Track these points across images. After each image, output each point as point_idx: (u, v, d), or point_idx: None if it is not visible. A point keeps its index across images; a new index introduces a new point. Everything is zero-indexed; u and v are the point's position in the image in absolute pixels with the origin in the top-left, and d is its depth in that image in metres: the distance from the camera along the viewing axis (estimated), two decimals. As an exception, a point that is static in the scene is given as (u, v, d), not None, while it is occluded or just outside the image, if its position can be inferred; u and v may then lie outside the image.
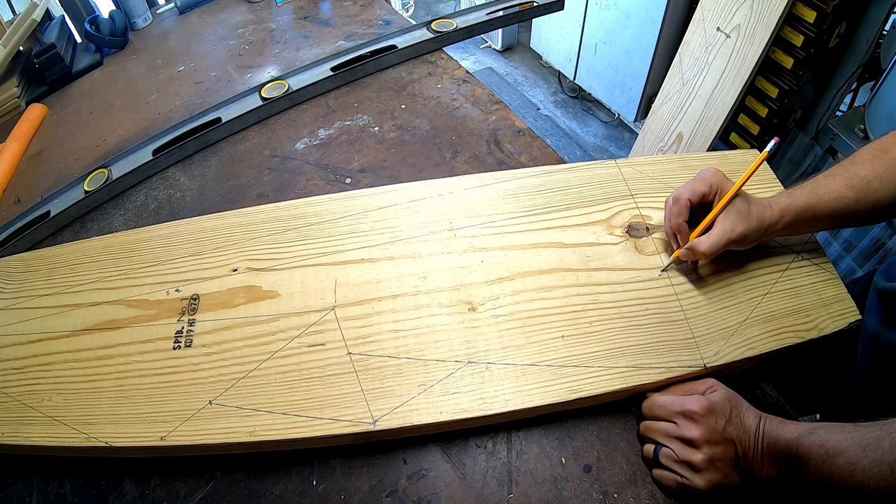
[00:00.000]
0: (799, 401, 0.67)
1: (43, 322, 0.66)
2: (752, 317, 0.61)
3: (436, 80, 0.99)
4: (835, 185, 0.59)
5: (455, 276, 0.62)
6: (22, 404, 0.61)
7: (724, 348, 0.58)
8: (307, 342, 0.59)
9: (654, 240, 0.65)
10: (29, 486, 0.60)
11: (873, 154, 0.60)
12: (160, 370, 0.60)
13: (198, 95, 1.07)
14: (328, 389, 0.56)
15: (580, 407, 0.57)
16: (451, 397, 0.55)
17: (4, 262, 0.72)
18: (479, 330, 0.59)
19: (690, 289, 0.62)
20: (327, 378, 0.57)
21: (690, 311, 0.60)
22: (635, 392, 0.57)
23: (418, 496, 0.54)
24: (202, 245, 0.68)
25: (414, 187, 0.71)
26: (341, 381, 0.56)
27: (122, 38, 1.27)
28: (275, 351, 0.59)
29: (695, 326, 0.59)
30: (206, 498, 0.56)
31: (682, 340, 0.58)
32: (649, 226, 0.66)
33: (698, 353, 0.58)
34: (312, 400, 0.56)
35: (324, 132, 0.91)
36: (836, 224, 0.61)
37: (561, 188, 0.69)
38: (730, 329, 0.59)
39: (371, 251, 0.65)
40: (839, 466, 0.44)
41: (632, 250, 0.64)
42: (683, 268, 0.63)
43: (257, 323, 0.61)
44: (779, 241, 0.66)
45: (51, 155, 1.03)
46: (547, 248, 0.64)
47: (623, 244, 0.65)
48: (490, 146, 0.85)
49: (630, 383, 0.56)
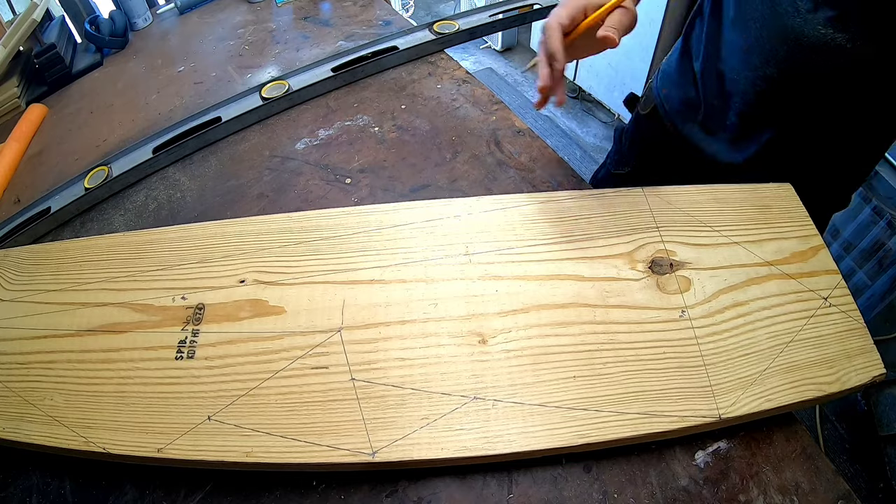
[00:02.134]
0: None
1: (49, 318, 0.66)
2: (774, 366, 0.58)
3: (436, 80, 0.98)
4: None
5: (467, 306, 0.60)
6: (24, 400, 0.61)
7: (741, 398, 0.56)
8: (310, 364, 0.57)
9: (677, 277, 0.62)
10: (29, 485, 0.60)
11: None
12: (161, 379, 0.59)
13: (198, 95, 1.07)
14: (328, 415, 0.55)
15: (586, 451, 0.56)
16: (454, 434, 0.53)
17: (14, 253, 0.72)
18: (488, 364, 0.56)
19: (712, 332, 0.59)
20: (328, 403, 0.55)
21: (709, 357, 0.58)
22: (646, 440, 0.55)
23: (418, 496, 0.54)
24: (211, 252, 0.66)
25: (431, 206, 0.68)
26: (343, 407, 0.55)
27: (123, 38, 1.27)
28: (277, 370, 0.57)
29: (713, 374, 0.57)
30: (206, 498, 0.56)
31: (698, 388, 0.56)
32: (674, 262, 0.63)
33: (714, 402, 0.55)
34: (312, 425, 0.54)
35: (324, 132, 0.91)
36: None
37: (584, 216, 0.66)
38: (749, 378, 0.57)
39: (382, 272, 0.63)
40: None
41: (653, 288, 0.61)
42: (695, 304, 0.60)
43: (261, 339, 0.60)
44: (806, 286, 0.62)
45: (51, 155, 1.03)
46: (565, 281, 0.61)
47: (645, 280, 0.62)
48: (490, 146, 0.84)
49: (641, 431, 0.54)
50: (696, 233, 0.65)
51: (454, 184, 0.78)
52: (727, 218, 0.66)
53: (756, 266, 0.63)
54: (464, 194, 0.75)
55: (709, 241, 0.64)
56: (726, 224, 0.66)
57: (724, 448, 0.57)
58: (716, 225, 0.66)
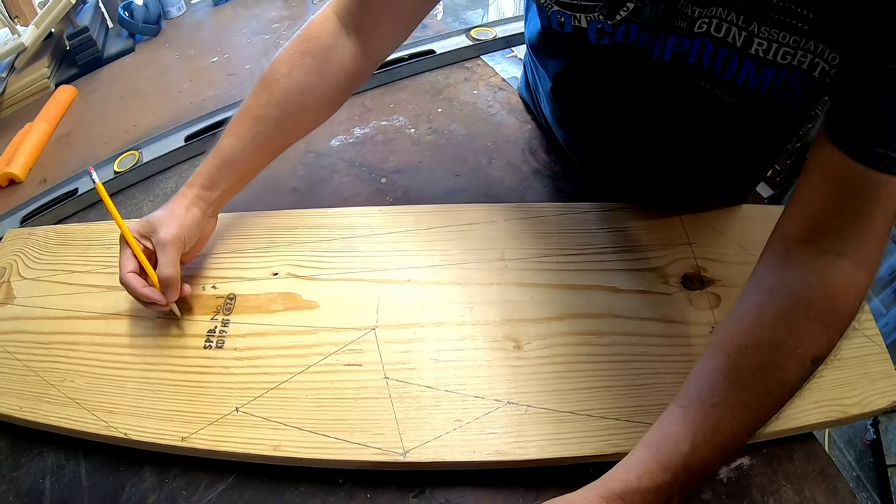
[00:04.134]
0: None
1: (74, 299, 0.65)
2: (799, 386, 0.58)
3: (472, 85, 0.98)
4: None
5: (503, 311, 0.60)
6: (43, 381, 0.60)
7: (767, 416, 0.56)
8: (343, 360, 0.57)
9: (708, 294, 0.63)
10: (43, 466, 0.59)
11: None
12: (188, 368, 0.59)
13: (231, 87, 1.06)
14: (360, 413, 0.54)
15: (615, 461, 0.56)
16: (486, 437, 0.53)
17: (39, 232, 0.71)
18: (521, 370, 0.56)
19: (740, 351, 0.59)
20: (361, 401, 0.55)
21: (738, 374, 0.58)
22: (673, 453, 0.55)
23: (445, 498, 0.53)
24: (243, 243, 0.66)
25: (468, 210, 0.69)
26: (375, 405, 0.55)
27: (156, 25, 1.27)
28: (309, 365, 0.57)
29: (740, 390, 0.57)
30: (227, 489, 0.55)
31: (725, 404, 0.56)
32: (705, 278, 0.64)
33: (741, 418, 0.56)
34: (343, 422, 0.54)
35: (359, 130, 0.90)
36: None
37: (618, 228, 0.67)
38: (775, 397, 0.57)
39: (419, 273, 0.63)
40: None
41: (684, 302, 0.62)
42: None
43: (293, 333, 0.59)
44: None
45: (78, 137, 1.02)
46: (599, 292, 0.62)
47: (677, 295, 0.62)
48: (525, 154, 0.84)
49: (670, 443, 0.54)
50: (727, 250, 0.66)
51: (489, 190, 0.78)
52: (757, 237, 0.67)
53: (784, 287, 0.64)
54: (498, 201, 0.75)
55: (739, 260, 0.65)
56: (756, 243, 0.66)
57: (746, 464, 0.57)
58: (746, 244, 0.67)
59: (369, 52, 0.63)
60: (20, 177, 0.95)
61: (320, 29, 0.61)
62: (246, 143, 0.60)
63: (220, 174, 0.61)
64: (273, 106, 0.60)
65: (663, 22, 0.52)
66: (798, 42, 0.47)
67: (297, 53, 0.61)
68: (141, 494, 0.55)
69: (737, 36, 0.49)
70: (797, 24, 0.46)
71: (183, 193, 0.61)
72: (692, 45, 0.52)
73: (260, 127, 0.60)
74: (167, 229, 0.57)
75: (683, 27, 0.51)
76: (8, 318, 0.65)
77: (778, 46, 0.48)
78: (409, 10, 0.61)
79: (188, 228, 0.59)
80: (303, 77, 0.60)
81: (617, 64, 0.58)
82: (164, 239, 0.57)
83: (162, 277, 0.57)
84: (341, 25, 0.61)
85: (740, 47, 0.50)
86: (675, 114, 0.61)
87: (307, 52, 0.60)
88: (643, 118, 0.64)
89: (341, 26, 0.61)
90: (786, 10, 0.46)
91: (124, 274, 0.57)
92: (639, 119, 0.64)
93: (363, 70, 0.64)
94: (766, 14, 0.47)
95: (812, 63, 0.48)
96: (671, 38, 0.53)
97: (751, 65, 0.51)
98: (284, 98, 0.60)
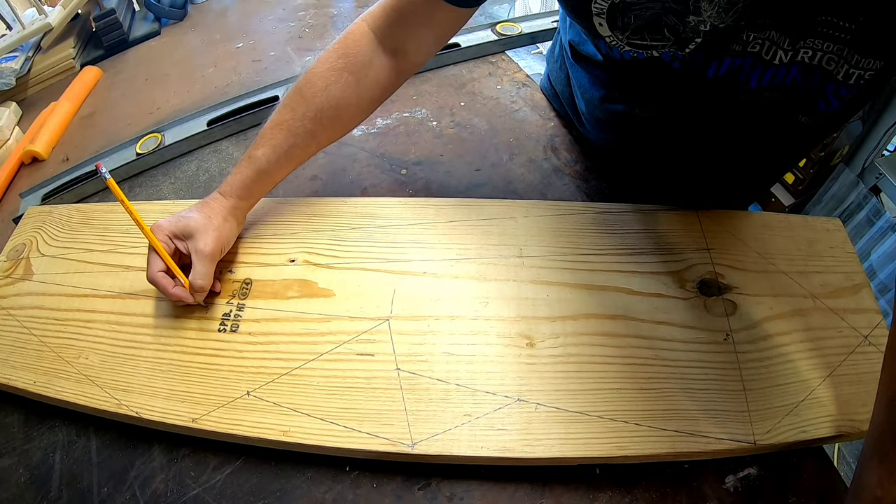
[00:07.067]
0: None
1: (91, 278, 0.65)
2: (811, 398, 0.58)
3: (496, 80, 0.98)
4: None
5: (518, 308, 0.60)
6: (58, 357, 0.61)
7: (777, 427, 0.55)
8: (356, 350, 0.57)
9: (724, 301, 0.62)
10: (54, 441, 0.60)
11: None
12: (201, 350, 0.59)
13: (255, 73, 1.06)
14: (371, 403, 0.54)
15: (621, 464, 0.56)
16: (495, 433, 0.53)
17: (60, 210, 0.72)
18: (534, 367, 0.56)
19: (754, 359, 0.59)
20: (371, 391, 0.55)
21: (750, 383, 0.58)
22: (681, 458, 0.55)
23: (451, 492, 0.54)
24: (262, 229, 0.66)
25: (488, 205, 0.68)
26: (385, 396, 0.55)
27: (182, 9, 1.28)
28: (322, 353, 0.57)
29: (751, 399, 0.57)
30: (235, 472, 0.56)
31: (735, 412, 0.56)
32: (722, 285, 0.63)
33: (750, 428, 0.55)
34: (353, 410, 0.54)
35: (381, 121, 0.90)
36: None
37: (637, 230, 0.66)
38: (786, 408, 0.57)
39: (435, 265, 0.63)
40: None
41: (700, 308, 0.61)
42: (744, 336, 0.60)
43: (308, 320, 0.59)
44: (847, 322, 0.63)
45: (102, 118, 1.03)
46: (615, 293, 0.61)
47: (693, 300, 0.62)
48: (547, 152, 0.84)
49: (679, 449, 0.53)
50: (746, 258, 0.65)
51: (509, 185, 0.77)
52: (776, 246, 0.67)
53: (801, 297, 0.63)
54: (519, 197, 0.75)
55: (757, 268, 0.64)
56: (775, 252, 0.66)
57: (754, 474, 0.57)
58: (764, 252, 0.66)
59: (404, 66, 0.64)
60: (43, 155, 0.96)
61: (357, 45, 0.62)
62: (281, 154, 0.62)
63: (255, 185, 0.63)
64: (309, 120, 0.61)
65: (723, 47, 0.54)
66: (841, 51, 0.50)
67: (334, 69, 0.61)
68: (149, 473, 0.56)
69: (783, 57, 0.53)
70: (840, 35, 0.49)
71: (220, 202, 0.62)
72: (744, 63, 0.55)
73: (296, 140, 0.62)
74: (206, 240, 0.59)
75: (738, 50, 0.54)
76: (25, 294, 0.66)
77: (822, 54, 0.51)
78: (446, 28, 0.62)
79: (226, 242, 0.62)
80: (339, 93, 0.61)
81: (674, 79, 0.60)
82: (202, 250, 0.59)
83: (196, 287, 0.59)
84: (377, 42, 0.62)
85: (787, 62, 0.53)
86: (718, 116, 0.63)
87: (344, 69, 0.61)
88: (686, 121, 0.66)
89: (377, 43, 0.62)
90: (829, 24, 0.48)
91: (154, 273, 0.58)
92: (682, 122, 0.66)
93: (396, 83, 0.66)
94: (812, 30, 0.50)
95: (847, 73, 0.51)
96: (727, 60, 0.55)
97: (797, 69, 0.54)
98: (321, 112, 0.62)
